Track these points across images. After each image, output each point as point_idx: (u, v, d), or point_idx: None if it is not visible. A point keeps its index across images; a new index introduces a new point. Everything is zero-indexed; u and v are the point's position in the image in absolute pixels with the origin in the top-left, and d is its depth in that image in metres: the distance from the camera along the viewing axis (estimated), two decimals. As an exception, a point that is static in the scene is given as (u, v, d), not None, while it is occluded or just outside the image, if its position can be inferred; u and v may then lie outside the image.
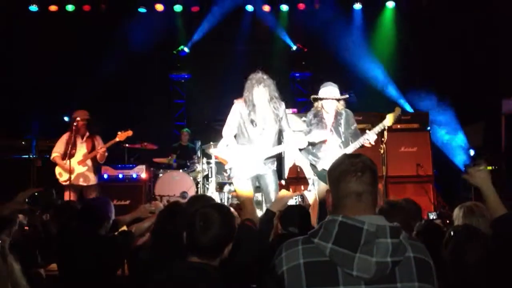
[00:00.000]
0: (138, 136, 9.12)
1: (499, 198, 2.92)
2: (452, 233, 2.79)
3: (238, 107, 5.44)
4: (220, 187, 8.37)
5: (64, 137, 7.47)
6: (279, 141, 5.55)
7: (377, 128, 5.54)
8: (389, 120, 5.58)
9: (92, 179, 7.52)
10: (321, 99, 5.60)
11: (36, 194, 3.25)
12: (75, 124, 7.25)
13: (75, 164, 7.30)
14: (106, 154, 7.53)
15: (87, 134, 7.45)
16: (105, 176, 8.44)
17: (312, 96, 5.70)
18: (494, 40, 9.39)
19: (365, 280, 1.85)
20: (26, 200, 3.22)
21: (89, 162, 7.45)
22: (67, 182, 7.20)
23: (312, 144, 5.56)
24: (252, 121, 5.36)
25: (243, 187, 3.37)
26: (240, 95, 5.45)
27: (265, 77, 5.33)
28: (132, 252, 3.57)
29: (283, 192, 3.57)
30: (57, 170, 7.41)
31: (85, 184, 7.40)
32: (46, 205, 3.69)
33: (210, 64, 10.71)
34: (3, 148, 8.55)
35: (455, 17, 9.95)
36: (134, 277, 3.36)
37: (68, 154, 7.18)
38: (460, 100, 9.62)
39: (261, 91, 5.28)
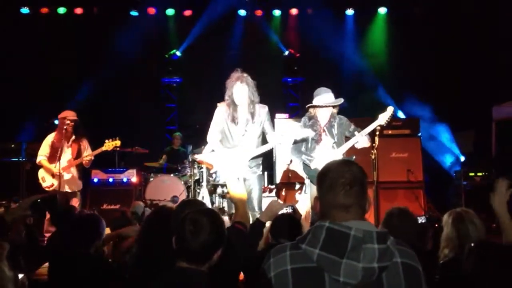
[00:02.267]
0: (130, 140, 9.08)
1: None
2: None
3: (221, 110, 5.48)
4: (213, 188, 8.31)
5: (49, 138, 7.10)
6: (263, 144, 5.54)
7: (370, 127, 5.56)
8: (381, 119, 5.60)
9: (77, 185, 7.20)
10: (315, 107, 5.61)
11: (39, 200, 3.23)
12: (64, 126, 6.92)
13: (56, 172, 6.92)
14: (91, 160, 7.21)
15: (73, 137, 7.04)
16: (95, 180, 8.39)
17: (308, 106, 5.70)
18: (485, 48, 9.44)
19: (352, 285, 1.84)
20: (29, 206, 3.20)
21: (73, 169, 7.12)
22: (51, 188, 6.93)
23: (304, 140, 5.57)
24: (233, 119, 5.38)
25: (237, 188, 3.32)
26: None
27: (244, 75, 5.37)
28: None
29: (274, 202, 3.54)
30: (40, 174, 7.06)
31: (69, 190, 7.04)
32: (49, 211, 3.64)
33: (202, 68, 10.69)
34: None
35: (446, 24, 10.01)
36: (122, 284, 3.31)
37: (55, 158, 6.88)
38: (451, 107, 9.66)
39: (240, 88, 5.32)
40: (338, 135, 5.61)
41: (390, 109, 5.66)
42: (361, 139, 5.50)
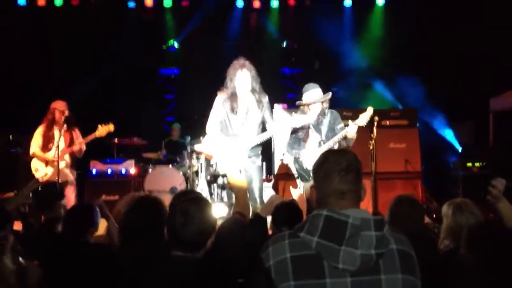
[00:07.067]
0: (128, 131, 9.09)
1: None
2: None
3: (220, 99, 5.44)
4: (213, 179, 8.31)
5: (40, 129, 6.99)
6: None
7: (342, 133, 5.43)
8: (362, 120, 5.44)
9: (70, 175, 7.03)
10: (305, 105, 5.61)
11: (39, 188, 3.24)
12: (53, 115, 6.88)
13: (52, 159, 6.81)
14: (84, 148, 7.05)
15: (65, 126, 6.78)
16: (94, 171, 8.40)
17: (297, 102, 5.72)
18: (483, 39, 9.43)
19: (350, 272, 1.87)
20: (31, 194, 3.20)
21: (67, 157, 6.96)
22: (45, 177, 6.82)
23: (295, 131, 5.59)
24: (233, 108, 5.36)
25: (237, 179, 3.33)
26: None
27: (247, 62, 5.35)
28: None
29: (274, 197, 3.54)
30: (33, 165, 6.94)
31: (63, 179, 6.82)
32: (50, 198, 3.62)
33: (199, 59, 10.66)
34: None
35: (444, 15, 9.99)
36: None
37: (48, 148, 6.84)
38: (449, 98, 9.67)
39: (244, 75, 5.29)
40: (327, 131, 5.58)
41: (370, 109, 5.52)
42: (350, 129, 5.37)
